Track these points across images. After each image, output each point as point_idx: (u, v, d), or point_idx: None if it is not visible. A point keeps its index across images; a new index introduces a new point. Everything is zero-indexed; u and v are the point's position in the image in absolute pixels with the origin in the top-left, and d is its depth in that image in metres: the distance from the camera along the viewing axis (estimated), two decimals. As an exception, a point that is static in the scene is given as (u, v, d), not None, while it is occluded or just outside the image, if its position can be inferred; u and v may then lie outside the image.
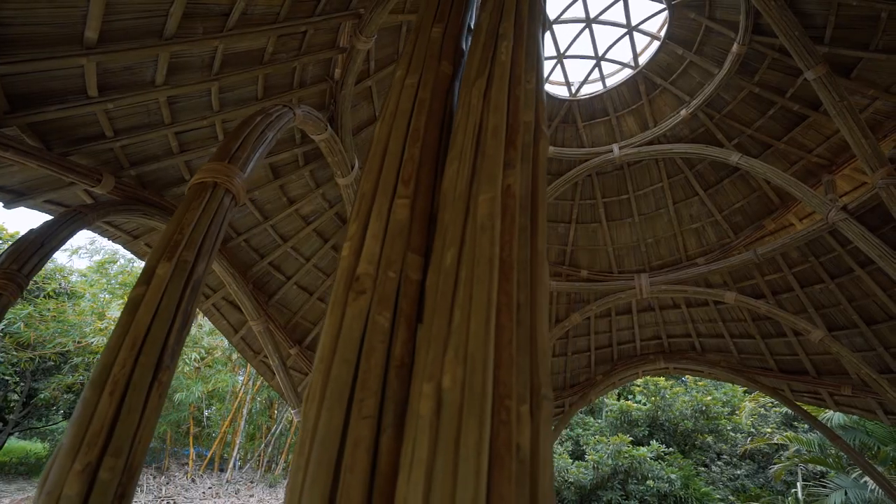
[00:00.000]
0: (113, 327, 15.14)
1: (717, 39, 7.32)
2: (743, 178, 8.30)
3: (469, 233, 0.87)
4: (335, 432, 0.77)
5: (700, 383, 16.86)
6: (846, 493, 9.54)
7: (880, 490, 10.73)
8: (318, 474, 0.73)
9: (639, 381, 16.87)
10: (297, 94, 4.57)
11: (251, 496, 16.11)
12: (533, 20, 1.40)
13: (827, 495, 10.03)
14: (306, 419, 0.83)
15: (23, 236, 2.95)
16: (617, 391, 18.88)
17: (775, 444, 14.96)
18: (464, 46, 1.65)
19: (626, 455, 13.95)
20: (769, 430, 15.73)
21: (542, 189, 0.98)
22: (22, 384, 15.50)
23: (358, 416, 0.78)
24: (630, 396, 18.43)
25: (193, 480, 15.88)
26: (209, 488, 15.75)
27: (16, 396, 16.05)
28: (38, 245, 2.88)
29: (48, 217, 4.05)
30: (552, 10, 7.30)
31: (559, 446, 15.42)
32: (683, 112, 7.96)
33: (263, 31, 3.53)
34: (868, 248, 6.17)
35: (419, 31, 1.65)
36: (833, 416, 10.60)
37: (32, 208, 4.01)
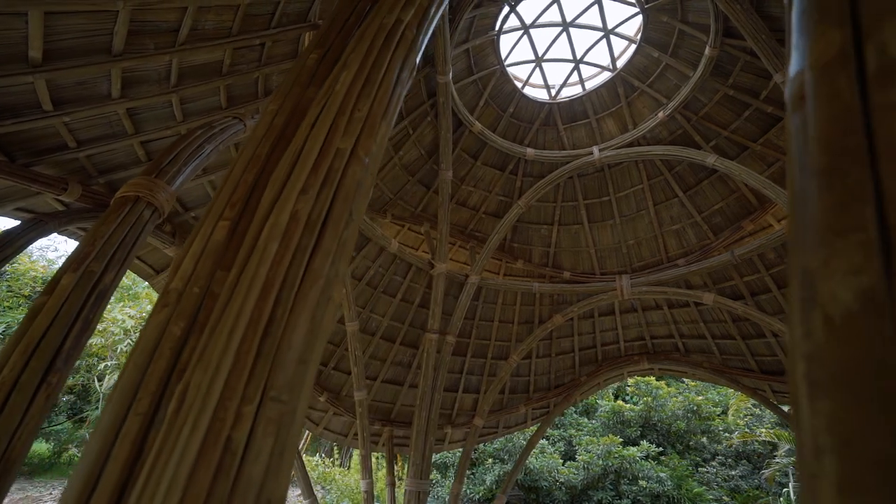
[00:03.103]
0: (110, 329, 15.29)
1: (690, 42, 7.39)
2: (722, 179, 8.34)
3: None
4: (111, 427, 0.89)
5: (692, 384, 16.85)
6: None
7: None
8: (86, 462, 0.85)
9: (631, 381, 16.87)
10: (264, 104, 4.70)
11: (247, 495, 16.27)
12: (386, 49, 1.50)
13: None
14: (99, 417, 0.95)
15: (-19, 245, 3.12)
16: (613, 392, 18.88)
17: (768, 443, 14.92)
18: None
19: (617, 455, 13.98)
20: (763, 430, 15.67)
21: (338, 212, 1.09)
22: (23, 385, 15.80)
23: (133, 413, 0.90)
24: (627, 397, 18.44)
25: (190, 479, 16.08)
26: (206, 487, 15.93)
27: None
28: (-6, 253, 3.06)
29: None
30: (529, 14, 7.40)
31: (550, 446, 15.48)
32: (661, 114, 8.02)
33: (218, 45, 3.67)
34: (838, 250, 6.20)
35: (300, 57, 1.76)
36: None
37: (3, 216, 4.17)
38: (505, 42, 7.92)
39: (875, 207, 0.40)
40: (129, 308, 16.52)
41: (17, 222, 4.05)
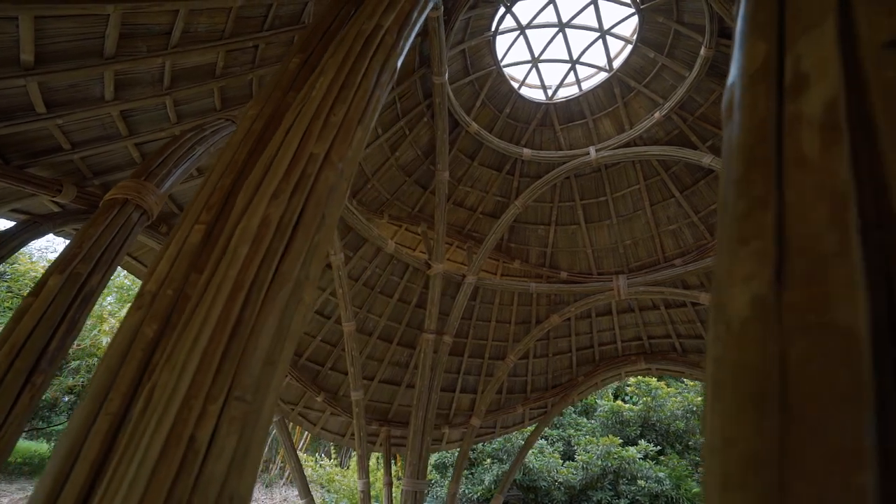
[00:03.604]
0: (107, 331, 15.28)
1: (686, 42, 7.40)
2: (718, 179, 8.35)
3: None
4: (82, 426, 0.90)
5: (691, 383, 16.85)
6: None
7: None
8: (56, 460, 0.87)
9: (631, 381, 16.88)
10: (245, 108, 4.72)
11: (247, 495, 16.31)
12: (364, 54, 1.52)
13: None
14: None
15: (-25, 247, 3.15)
16: (612, 392, 18.87)
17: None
18: (326, 74, 1.75)
19: (616, 456, 13.99)
20: (763, 430, 15.63)
21: (309, 217, 1.11)
22: (23, 385, 15.85)
23: (104, 413, 0.92)
24: (626, 397, 18.44)
25: (190, 479, 16.11)
26: (205, 487, 15.97)
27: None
28: (-12, 254, 3.09)
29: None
30: (524, 15, 7.40)
31: (549, 447, 15.50)
32: (657, 114, 8.03)
33: (211, 48, 3.69)
34: (833, 250, 6.22)
35: (282, 62, 1.77)
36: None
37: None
38: (501, 43, 7.94)
39: (776, 216, 0.42)
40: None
41: (13, 223, 4.08)
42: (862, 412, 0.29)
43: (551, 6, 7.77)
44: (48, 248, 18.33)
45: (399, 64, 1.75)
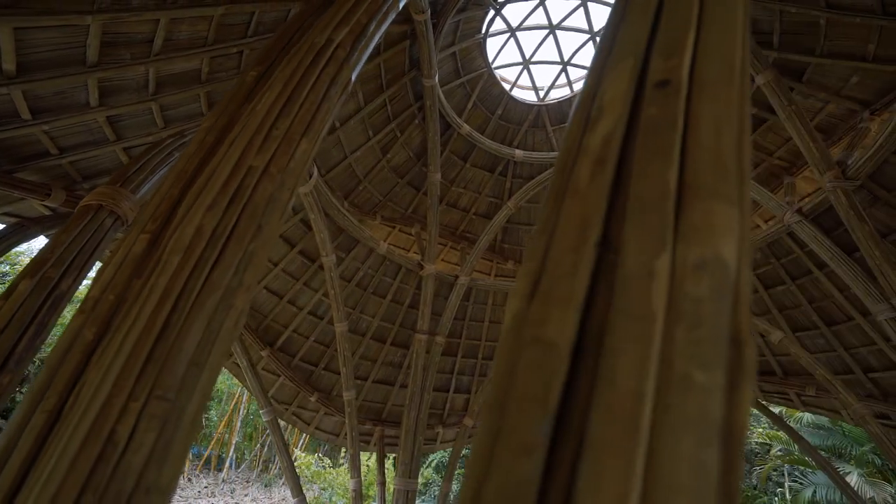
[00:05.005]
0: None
1: (675, 45, 7.43)
2: (709, 180, 8.38)
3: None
4: (20, 424, 0.97)
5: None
6: (815, 490, 9.61)
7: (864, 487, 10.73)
8: (-6, 456, 0.94)
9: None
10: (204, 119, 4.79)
11: (246, 495, 16.43)
12: (314, 68, 1.59)
13: (799, 490, 10.11)
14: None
15: (-37, 250, 3.24)
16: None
17: (764, 443, 14.93)
18: (284, 86, 1.81)
19: (612, 455, 14.02)
20: (761, 429, 15.68)
21: (243, 227, 1.17)
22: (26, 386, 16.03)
23: (40, 411, 0.98)
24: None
25: (189, 480, 16.25)
26: (205, 487, 16.11)
27: (19, 398, 16.60)
28: (-25, 258, 3.16)
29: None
30: (515, 17, 7.48)
31: (546, 446, 15.57)
32: (648, 116, 8.07)
33: (195, 54, 3.76)
34: (820, 250, 6.27)
35: (241, 74, 1.84)
36: (804, 416, 10.63)
37: (-9, 221, 4.28)
38: (492, 45, 8.00)
39: (547, 240, 0.48)
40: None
41: (2, 226, 4.16)
42: (540, 413, 0.36)
43: (541, 8, 7.83)
44: (49, 249, 18.52)
45: (353, 77, 1.81)
